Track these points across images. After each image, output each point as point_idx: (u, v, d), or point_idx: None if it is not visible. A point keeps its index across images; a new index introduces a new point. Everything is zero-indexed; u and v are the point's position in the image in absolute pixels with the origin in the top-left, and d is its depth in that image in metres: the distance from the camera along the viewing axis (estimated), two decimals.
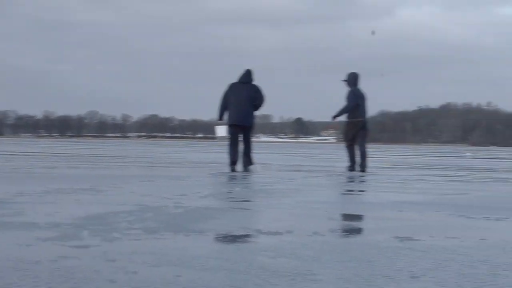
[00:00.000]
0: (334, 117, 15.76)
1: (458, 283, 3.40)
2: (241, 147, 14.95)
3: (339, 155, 29.17)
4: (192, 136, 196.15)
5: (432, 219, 6.29)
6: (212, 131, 17.18)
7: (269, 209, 6.93)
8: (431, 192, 9.68)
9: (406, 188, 10.34)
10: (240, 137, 14.98)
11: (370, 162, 16.86)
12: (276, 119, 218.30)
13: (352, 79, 15.68)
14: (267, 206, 7.25)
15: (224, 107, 14.97)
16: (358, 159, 15.58)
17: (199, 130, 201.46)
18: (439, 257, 4.11)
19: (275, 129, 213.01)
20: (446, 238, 4.95)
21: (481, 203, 8.08)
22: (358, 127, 15.60)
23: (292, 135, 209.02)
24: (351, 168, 15.57)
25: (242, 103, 14.83)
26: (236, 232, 5.03)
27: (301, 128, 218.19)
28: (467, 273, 3.65)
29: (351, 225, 5.97)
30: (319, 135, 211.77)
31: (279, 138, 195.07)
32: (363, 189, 10.39)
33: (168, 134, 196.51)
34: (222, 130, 15.59)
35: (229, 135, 15.09)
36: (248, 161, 14.91)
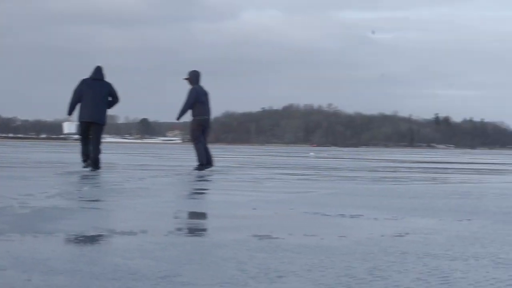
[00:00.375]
0: (178, 118, 15.62)
1: (333, 282, 3.29)
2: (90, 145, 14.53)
3: (187, 155, 29.02)
4: (35, 136, 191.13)
5: (287, 217, 6.21)
6: (57, 132, 16.68)
7: (121, 209, 6.68)
8: (283, 190, 9.66)
9: (258, 187, 10.29)
10: (91, 135, 14.54)
11: (218, 162, 16.79)
12: (121, 120, 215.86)
13: (194, 77, 15.59)
14: (119, 205, 6.99)
15: (74, 103, 14.46)
16: (205, 157, 15.46)
17: (43, 130, 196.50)
18: (304, 256, 4.00)
19: (120, 129, 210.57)
20: (305, 236, 4.87)
21: (333, 200, 8.10)
22: (203, 125, 15.52)
23: (138, 136, 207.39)
24: (200, 167, 15.44)
25: (97, 100, 14.41)
26: (89, 233, 4.77)
27: (146, 128, 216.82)
28: (337, 271, 3.56)
29: (208, 224, 5.81)
30: (164, 136, 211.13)
31: (124, 139, 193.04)
32: (216, 188, 10.26)
33: (11, 135, 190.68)
34: (70, 127, 15.09)
35: (80, 133, 14.63)
36: (96, 160, 14.53)
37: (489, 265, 3.82)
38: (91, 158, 14.38)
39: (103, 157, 15.14)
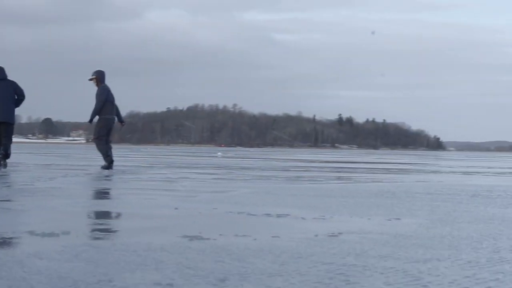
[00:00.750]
0: (90, 121, 15.30)
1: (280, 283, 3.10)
2: None
3: (93, 155, 28.45)
4: None
5: (213, 217, 6.01)
6: None
7: (36, 209, 6.34)
8: (201, 190, 9.45)
9: (174, 187, 10.06)
10: (3, 135, 14.36)
11: (127, 162, 16.47)
12: (24, 120, 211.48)
13: (101, 77, 15.33)
14: (34, 206, 6.65)
15: None
16: (111, 157, 15.13)
17: None
18: (240, 257, 3.80)
19: (23, 129, 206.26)
20: (237, 236, 4.67)
21: (254, 200, 7.93)
22: (110, 124, 15.24)
23: (41, 136, 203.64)
24: (108, 166, 15.07)
25: (4, 99, 14.24)
26: (6, 235, 4.45)
27: (49, 128, 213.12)
28: (286, 275, 3.37)
29: (135, 224, 5.53)
30: (68, 136, 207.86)
31: (27, 138, 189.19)
32: (132, 188, 9.93)
33: None
34: None
35: None
36: (6, 156, 14.29)
37: (440, 265, 3.70)
38: (2, 154, 14.21)
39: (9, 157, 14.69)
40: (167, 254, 3.84)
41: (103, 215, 6.16)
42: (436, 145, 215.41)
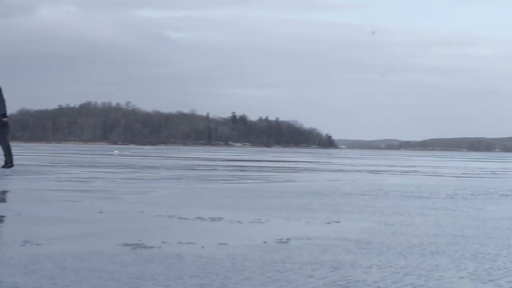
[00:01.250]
0: (5, 117, 14.60)
1: None
2: None
3: None
4: None
5: (144, 221, 5.69)
6: None
7: None
8: (118, 190, 9.09)
9: (88, 187, 9.67)
10: None
11: (26, 161, 15.88)
12: None
13: None
14: None
15: None
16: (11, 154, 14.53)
17: None
18: (199, 269, 3.51)
19: None
20: (181, 244, 4.38)
21: (178, 201, 7.65)
22: (3, 121, 14.63)
23: None
24: (9, 165, 14.44)
25: None
26: None
27: None
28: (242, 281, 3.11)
29: (69, 231, 5.15)
30: None
31: None
32: (44, 189, 9.44)
33: None
34: None
35: None
36: None
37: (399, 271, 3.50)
38: None
39: None
40: (119, 267, 3.52)
41: (29, 219, 5.75)
42: (328, 143, 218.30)
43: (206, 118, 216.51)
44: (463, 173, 18.47)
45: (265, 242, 4.55)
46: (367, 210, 6.88)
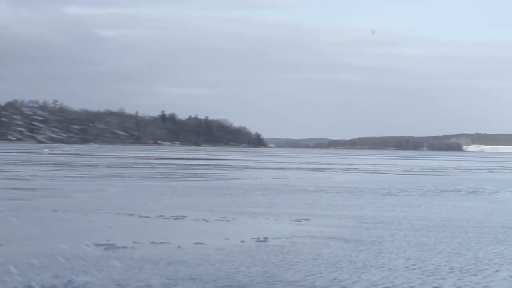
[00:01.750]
0: None
1: None
2: None
3: None
4: None
5: (106, 220, 5.45)
6: None
7: None
8: (68, 189, 8.80)
9: (32, 185, 9.32)
10: None
11: None
12: None
13: None
14: None
15: None
16: None
17: None
18: (181, 269, 3.29)
19: None
20: (155, 244, 4.17)
21: (133, 199, 7.42)
22: None
23: None
24: None
25: None
26: None
27: None
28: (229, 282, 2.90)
29: (32, 231, 4.86)
30: None
31: None
32: None
33: None
34: None
35: None
36: None
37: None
38: None
39: None
40: (84, 264, 3.27)
41: None
42: (257, 142, 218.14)
43: (135, 116, 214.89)
44: (404, 171, 18.56)
45: (242, 241, 4.35)
46: (331, 207, 6.75)
